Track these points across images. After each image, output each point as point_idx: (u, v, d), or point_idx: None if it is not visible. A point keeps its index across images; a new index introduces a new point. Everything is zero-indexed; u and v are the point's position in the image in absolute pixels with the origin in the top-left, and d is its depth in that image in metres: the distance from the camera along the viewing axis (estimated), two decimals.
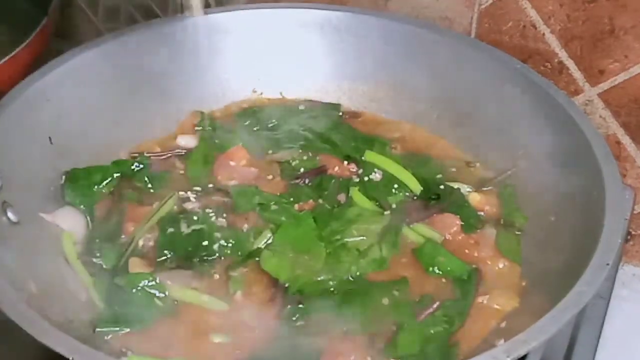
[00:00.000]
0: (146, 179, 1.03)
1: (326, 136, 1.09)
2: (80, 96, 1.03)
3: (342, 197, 1.01)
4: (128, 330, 0.85)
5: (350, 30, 1.14)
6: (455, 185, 1.03)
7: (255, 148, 1.08)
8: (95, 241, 0.95)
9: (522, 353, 0.73)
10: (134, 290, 0.88)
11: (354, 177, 1.04)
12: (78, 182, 1.00)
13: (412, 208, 1.00)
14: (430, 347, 0.84)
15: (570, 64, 1.10)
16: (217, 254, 0.93)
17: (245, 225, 0.96)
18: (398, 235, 0.96)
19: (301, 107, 1.15)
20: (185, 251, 0.93)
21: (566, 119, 0.96)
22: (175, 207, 0.98)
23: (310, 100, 1.17)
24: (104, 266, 0.92)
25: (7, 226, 0.89)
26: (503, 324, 0.87)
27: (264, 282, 0.90)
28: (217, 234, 0.95)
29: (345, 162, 1.06)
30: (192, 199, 1.00)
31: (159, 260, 0.92)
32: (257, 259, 0.92)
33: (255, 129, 1.11)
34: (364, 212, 0.98)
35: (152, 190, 1.02)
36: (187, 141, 1.10)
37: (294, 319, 0.87)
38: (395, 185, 1.03)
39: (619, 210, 0.86)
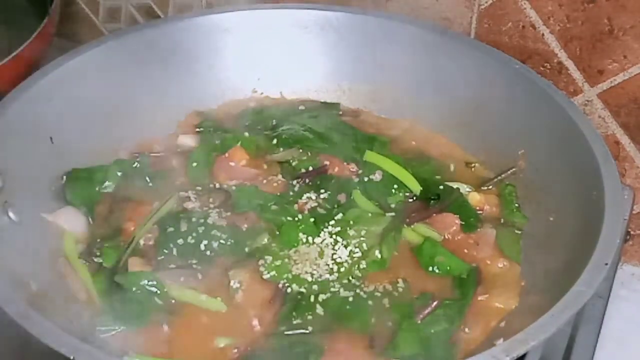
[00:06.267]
0: (146, 178, 1.03)
1: (326, 136, 1.09)
2: (81, 96, 1.03)
3: (342, 197, 1.01)
4: (128, 329, 0.85)
5: (350, 30, 1.14)
6: (455, 185, 1.03)
7: (255, 148, 1.08)
8: (95, 241, 0.95)
9: (521, 352, 0.73)
10: (133, 289, 0.88)
11: (354, 177, 1.04)
12: (79, 182, 1.00)
13: (412, 208, 1.00)
14: (430, 346, 0.85)
15: (569, 64, 1.10)
16: (216, 254, 0.93)
17: (245, 225, 0.96)
18: (398, 236, 0.96)
19: (301, 107, 1.15)
20: (185, 250, 0.93)
21: (565, 119, 0.96)
22: (175, 206, 0.99)
23: (310, 100, 1.17)
24: (104, 265, 0.92)
25: (8, 226, 0.89)
26: (502, 324, 0.87)
27: (263, 282, 0.90)
28: (217, 234, 0.95)
29: (345, 162, 1.06)
30: (192, 198, 1.00)
31: (158, 259, 0.92)
32: (256, 258, 0.92)
33: (255, 128, 1.11)
34: (364, 214, 0.98)
35: (152, 190, 1.02)
36: (187, 141, 1.10)
37: (293, 319, 0.87)
38: (395, 185, 1.03)
39: (618, 210, 0.86)
